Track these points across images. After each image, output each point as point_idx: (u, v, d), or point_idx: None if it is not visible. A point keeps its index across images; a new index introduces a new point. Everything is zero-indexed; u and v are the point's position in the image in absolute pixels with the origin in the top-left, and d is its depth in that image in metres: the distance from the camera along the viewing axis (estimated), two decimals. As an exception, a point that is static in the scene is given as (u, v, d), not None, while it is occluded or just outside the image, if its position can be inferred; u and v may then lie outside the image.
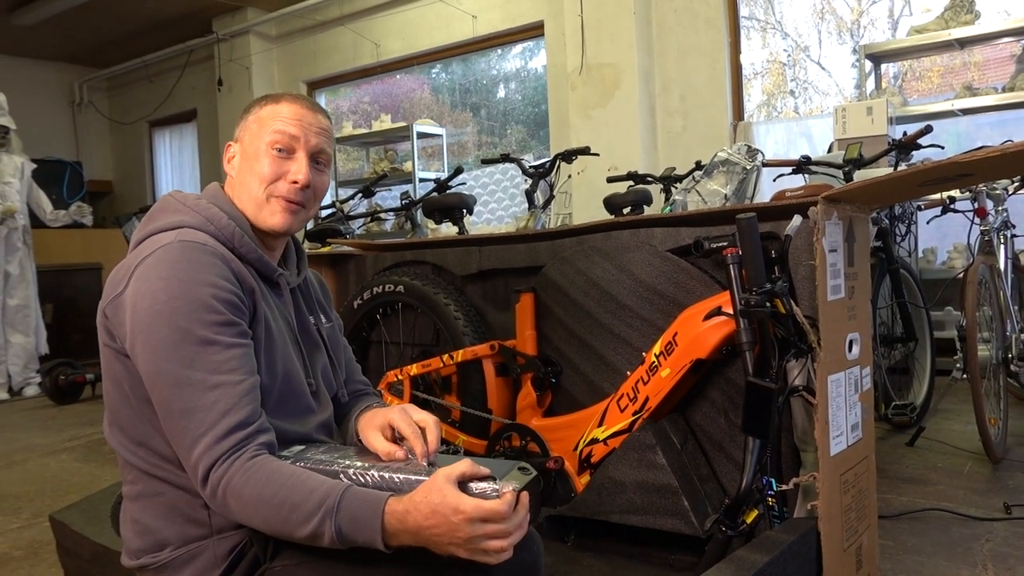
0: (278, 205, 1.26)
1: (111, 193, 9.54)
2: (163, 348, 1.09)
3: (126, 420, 1.21)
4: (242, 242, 1.23)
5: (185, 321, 1.09)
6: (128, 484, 1.25)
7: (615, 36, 5.24)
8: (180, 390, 1.08)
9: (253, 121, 1.29)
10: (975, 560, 1.95)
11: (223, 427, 1.08)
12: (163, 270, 1.12)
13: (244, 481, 1.06)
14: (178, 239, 1.16)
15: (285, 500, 1.05)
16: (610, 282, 2.05)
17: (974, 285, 2.73)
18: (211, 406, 1.08)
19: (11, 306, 5.42)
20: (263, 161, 1.25)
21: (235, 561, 1.16)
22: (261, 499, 1.06)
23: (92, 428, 4.25)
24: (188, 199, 1.26)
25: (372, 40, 6.97)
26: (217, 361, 1.10)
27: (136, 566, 1.23)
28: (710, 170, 3.45)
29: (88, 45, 8.40)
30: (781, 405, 1.62)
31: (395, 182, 6.47)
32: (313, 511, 1.04)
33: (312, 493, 1.05)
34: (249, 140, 1.28)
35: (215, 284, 1.13)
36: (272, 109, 1.28)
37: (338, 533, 1.03)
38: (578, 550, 2.01)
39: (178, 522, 1.18)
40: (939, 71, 5.43)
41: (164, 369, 1.09)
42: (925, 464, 2.72)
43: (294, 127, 1.26)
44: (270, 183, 1.25)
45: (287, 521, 1.05)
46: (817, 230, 1.55)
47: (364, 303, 2.66)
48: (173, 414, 1.09)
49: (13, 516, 2.76)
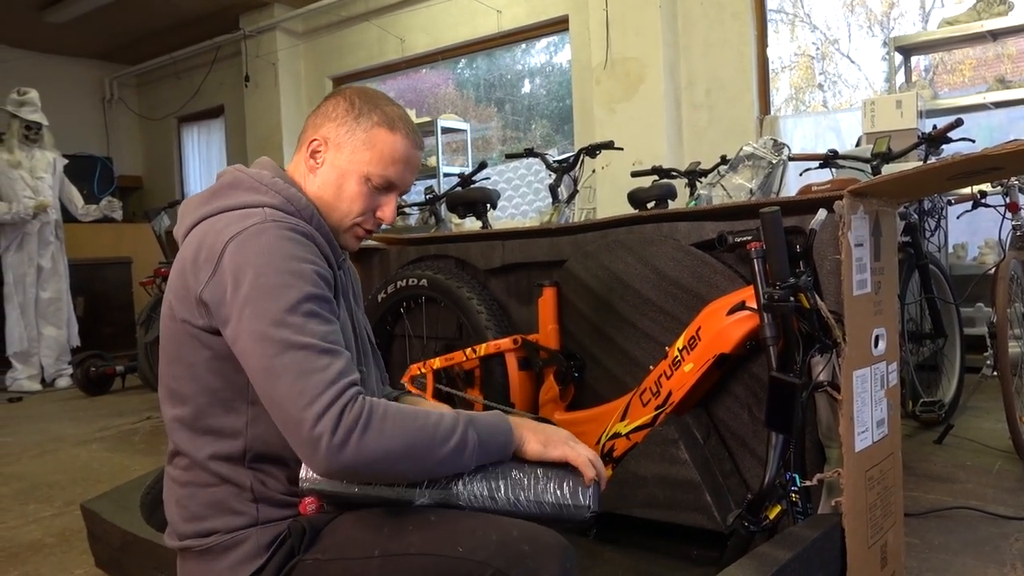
0: (357, 232, 1.30)
1: (141, 188, 9.67)
2: (273, 317, 1.08)
3: (196, 408, 1.20)
4: (319, 225, 1.24)
5: (293, 293, 1.10)
6: (178, 469, 1.25)
7: (640, 30, 5.21)
8: (295, 353, 1.06)
9: (362, 139, 1.25)
10: (1003, 559, 1.92)
11: (345, 382, 1.07)
12: (264, 245, 1.12)
13: (383, 412, 1.07)
14: (270, 218, 1.16)
15: (427, 422, 1.10)
16: (633, 276, 2.04)
17: (1005, 281, 2.69)
18: (328, 366, 1.07)
19: (44, 299, 5.53)
20: (357, 191, 1.26)
21: (276, 551, 1.18)
22: (404, 424, 1.08)
23: (122, 419, 4.32)
24: (263, 177, 1.24)
25: (397, 35, 6.99)
26: (325, 331, 1.11)
27: (181, 547, 1.24)
28: (735, 164, 3.42)
29: (118, 42, 8.51)
30: (805, 400, 1.61)
31: (419, 177, 6.49)
32: (454, 425, 1.11)
33: (445, 415, 1.13)
34: (350, 156, 1.26)
35: (315, 262, 1.15)
36: (387, 139, 1.25)
37: (479, 441, 1.13)
38: (600, 544, 2.02)
39: (225, 513, 1.20)
40: (971, 64, 5.33)
41: (275, 336, 1.07)
42: (954, 462, 2.68)
43: (400, 172, 1.27)
44: (358, 213, 1.27)
45: (433, 438, 1.09)
46: (843, 224, 1.53)
47: (388, 297, 2.68)
48: (287, 376, 1.06)
49: (46, 504, 2.82)
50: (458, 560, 1.07)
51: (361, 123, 1.26)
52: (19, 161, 5.38)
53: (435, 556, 1.09)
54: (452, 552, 1.07)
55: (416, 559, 1.10)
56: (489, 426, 1.15)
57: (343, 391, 1.06)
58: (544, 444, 1.17)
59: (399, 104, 1.31)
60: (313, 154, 1.28)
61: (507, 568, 1.04)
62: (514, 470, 1.16)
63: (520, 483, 1.15)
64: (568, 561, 1.09)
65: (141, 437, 3.83)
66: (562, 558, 1.08)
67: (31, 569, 2.21)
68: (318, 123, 1.29)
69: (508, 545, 1.06)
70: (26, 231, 5.40)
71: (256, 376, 1.10)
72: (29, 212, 5.32)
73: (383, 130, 1.25)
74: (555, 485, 1.15)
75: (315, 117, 1.30)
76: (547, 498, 1.14)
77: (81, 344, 5.74)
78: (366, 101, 1.27)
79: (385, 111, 1.27)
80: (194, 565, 1.23)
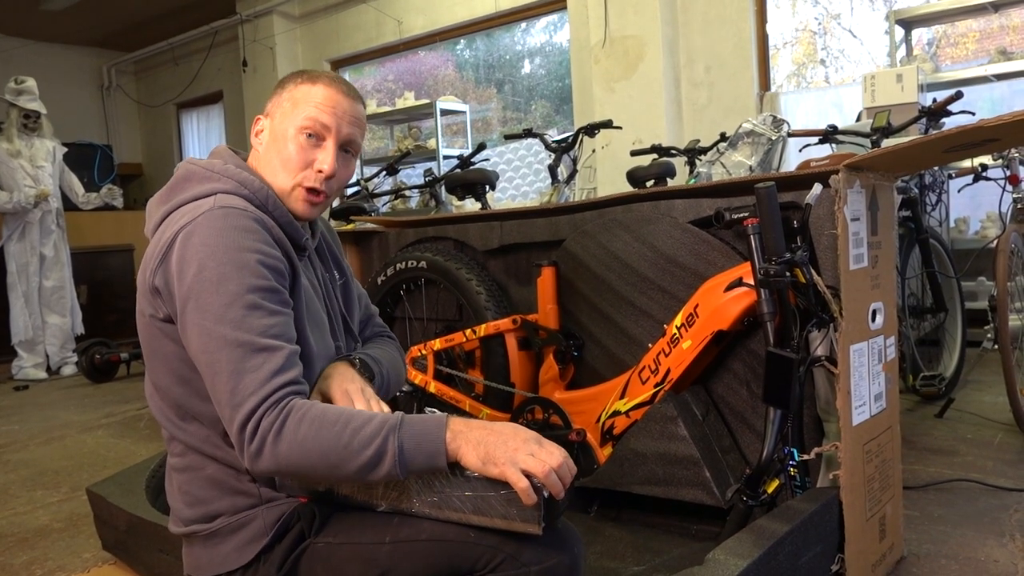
0: (301, 194, 1.27)
1: (141, 175, 9.67)
2: (213, 312, 1.09)
3: (174, 396, 1.21)
4: (275, 205, 1.23)
5: (234, 286, 1.10)
6: (175, 456, 1.26)
7: (638, 7, 5.16)
8: (231, 351, 1.08)
9: (287, 99, 1.26)
10: (1003, 530, 1.93)
11: (274, 384, 1.07)
12: (209, 236, 1.12)
13: (300, 417, 1.05)
14: (218, 205, 1.16)
15: (346, 425, 1.05)
16: (631, 255, 2.04)
17: (1005, 254, 2.68)
18: (260, 366, 1.08)
19: (47, 288, 5.54)
20: (291, 146, 1.24)
21: (281, 531, 1.18)
22: (320, 431, 1.05)
23: (127, 405, 4.35)
24: (214, 165, 1.24)
25: (394, 17, 6.95)
26: (265, 325, 1.10)
27: (185, 532, 1.25)
28: (735, 141, 3.41)
29: (115, 29, 8.48)
30: (802, 375, 1.61)
31: (419, 159, 6.48)
32: (376, 431, 1.04)
33: (372, 418, 1.06)
34: (280, 119, 1.26)
35: (260, 251, 1.14)
36: (307, 91, 1.25)
37: (400, 450, 1.03)
38: (601, 521, 2.03)
39: (228, 493, 1.20)
40: (974, 36, 5.28)
41: (214, 332, 1.09)
42: (954, 435, 2.69)
43: (327, 114, 1.24)
44: (296, 171, 1.25)
45: (347, 447, 1.04)
46: (839, 199, 1.53)
47: (388, 279, 2.69)
48: (222, 375, 1.08)
49: (53, 490, 2.84)
50: (469, 545, 1.07)
51: (286, 87, 1.28)
52: (19, 150, 5.38)
53: (445, 542, 1.09)
54: (463, 537, 1.08)
55: (426, 545, 1.10)
56: (417, 435, 1.05)
57: (268, 395, 1.06)
58: (483, 460, 1.03)
59: (334, 73, 1.32)
60: (257, 133, 1.30)
61: (518, 553, 1.05)
62: (466, 490, 1.08)
63: (470, 502, 1.07)
64: (577, 547, 1.10)
65: (146, 423, 3.85)
66: (572, 544, 1.09)
67: (40, 554, 2.23)
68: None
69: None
70: (28, 220, 5.41)
71: (201, 372, 1.12)
72: (30, 201, 5.32)
73: (305, 84, 1.26)
74: (501, 504, 1.05)
75: None
76: (496, 518, 1.06)
77: (85, 332, 5.76)
78: (296, 74, 1.30)
79: (309, 73, 1.29)
80: (200, 551, 1.23)
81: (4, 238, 5.43)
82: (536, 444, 1.04)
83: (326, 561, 1.15)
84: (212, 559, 1.21)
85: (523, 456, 1.02)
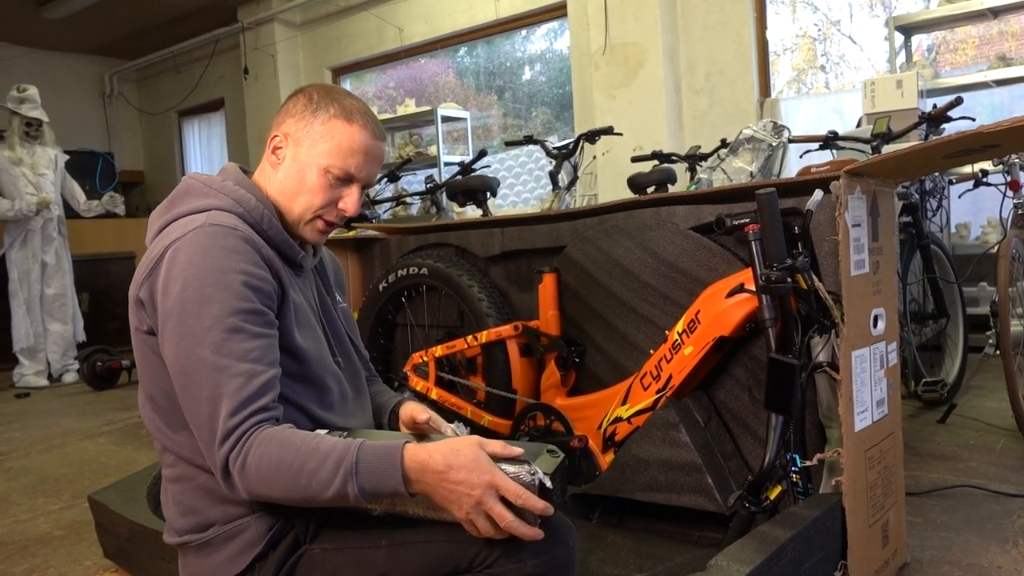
0: (319, 225, 1.28)
1: (143, 183, 9.69)
2: (193, 334, 1.09)
3: (164, 407, 1.22)
4: (271, 224, 1.23)
5: (216, 308, 1.09)
6: (167, 467, 1.27)
7: (639, 14, 5.18)
8: (208, 374, 1.08)
9: (319, 132, 1.24)
10: (1006, 536, 1.93)
11: (246, 411, 1.08)
12: (195, 255, 1.12)
13: (259, 455, 1.06)
14: (209, 222, 1.16)
15: (301, 468, 1.04)
16: (632, 261, 2.04)
17: (1006, 260, 2.68)
18: (236, 392, 1.08)
19: (49, 295, 5.55)
20: (317, 181, 1.24)
21: (275, 539, 1.18)
22: (278, 470, 1.05)
23: (128, 413, 4.35)
24: (213, 181, 1.25)
25: (395, 24, 6.97)
26: (245, 349, 1.10)
27: (179, 543, 1.25)
28: (735, 147, 3.41)
29: (116, 37, 8.51)
30: (804, 381, 1.61)
31: (420, 166, 6.49)
32: (331, 475, 1.03)
33: (327, 458, 1.04)
34: (308, 149, 1.25)
35: (246, 271, 1.13)
36: (343, 131, 1.24)
37: (362, 492, 1.03)
38: (602, 527, 2.03)
39: (219, 502, 1.20)
40: (974, 42, 5.29)
41: (192, 353, 1.09)
42: (956, 441, 2.69)
43: (360, 163, 1.25)
44: (318, 206, 1.26)
45: (308, 489, 1.04)
46: (839, 204, 1.53)
47: (389, 286, 2.69)
48: (199, 399, 1.09)
49: (54, 498, 2.84)
50: (464, 543, 1.08)
51: (319, 116, 1.25)
52: (20, 158, 5.39)
53: (441, 542, 1.10)
54: (458, 537, 1.08)
55: (423, 546, 1.11)
56: (373, 476, 1.03)
57: (238, 426, 1.07)
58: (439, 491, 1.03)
59: (360, 99, 1.31)
60: (275, 150, 1.28)
61: (513, 548, 1.06)
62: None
63: None
64: (572, 540, 1.11)
65: (147, 430, 3.85)
66: (567, 538, 1.10)
67: (41, 562, 2.23)
68: (279, 120, 1.29)
69: None
70: (29, 228, 5.42)
71: (176, 388, 1.13)
72: (32, 209, 5.33)
73: (340, 121, 1.24)
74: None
75: (278, 115, 1.30)
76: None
77: (87, 339, 5.77)
78: (324, 95, 1.27)
79: (343, 104, 1.26)
80: (194, 561, 1.23)
81: (6, 246, 5.44)
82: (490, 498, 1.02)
83: (322, 567, 1.16)
84: (206, 569, 1.21)
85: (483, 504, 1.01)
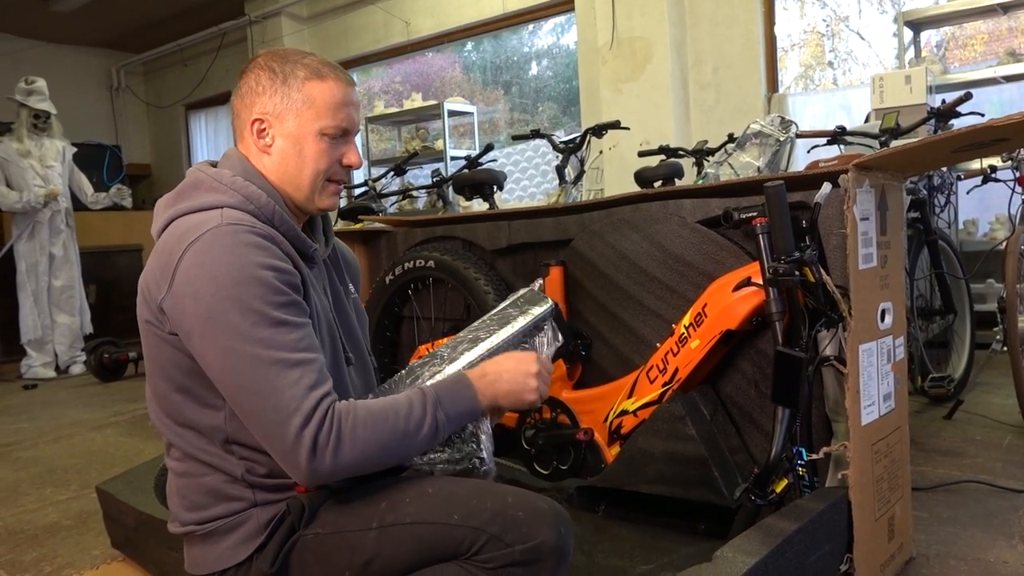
0: (331, 188, 1.28)
1: (150, 176, 9.71)
2: (239, 332, 1.08)
3: (173, 405, 1.22)
4: (282, 220, 1.22)
5: (257, 304, 1.09)
6: (174, 460, 1.27)
7: (646, 9, 5.16)
8: (265, 369, 1.08)
9: (300, 100, 1.23)
10: (1012, 531, 1.93)
11: (316, 396, 1.09)
12: (220, 255, 1.11)
13: (352, 422, 1.10)
14: (226, 221, 1.15)
15: (397, 416, 1.13)
16: (639, 254, 2.04)
17: (1014, 256, 2.67)
18: (297, 382, 1.08)
19: (56, 287, 5.57)
20: (318, 149, 1.24)
21: (275, 528, 1.20)
22: (377, 427, 1.11)
23: (135, 404, 4.37)
24: (223, 176, 1.23)
25: (402, 18, 6.96)
26: (293, 340, 1.10)
27: (183, 532, 1.27)
28: (743, 142, 3.40)
29: (124, 30, 8.52)
30: (811, 375, 1.61)
31: (426, 160, 6.49)
32: (422, 412, 1.15)
33: (411, 404, 1.16)
34: (296, 120, 1.23)
35: (274, 266, 1.13)
36: (322, 89, 1.23)
37: (447, 418, 1.17)
38: (608, 520, 2.03)
39: (223, 500, 1.22)
40: (983, 38, 5.26)
41: (243, 352, 1.08)
42: (963, 437, 2.68)
43: (348, 114, 1.25)
44: (324, 170, 1.26)
45: (406, 432, 1.13)
46: (848, 198, 1.53)
47: (396, 279, 2.69)
48: (260, 395, 1.08)
49: (62, 488, 2.86)
50: (453, 527, 1.09)
51: (291, 84, 1.24)
52: (29, 150, 5.42)
53: (431, 524, 1.11)
54: (448, 519, 1.10)
55: (412, 528, 1.12)
56: (452, 401, 1.19)
57: (314, 408, 1.08)
58: (509, 385, 1.25)
59: (314, 53, 1.30)
60: (260, 134, 1.26)
61: (501, 534, 1.07)
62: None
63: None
64: (563, 526, 1.10)
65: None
66: (556, 524, 1.10)
67: (49, 551, 2.24)
68: (248, 103, 1.26)
69: (503, 512, 1.09)
70: (37, 220, 5.44)
71: (228, 392, 1.11)
72: (40, 200, 5.35)
73: (314, 82, 1.24)
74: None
75: (240, 99, 1.27)
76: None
77: (94, 331, 5.79)
78: (282, 62, 1.25)
79: (306, 64, 1.25)
80: (199, 548, 1.25)
81: (14, 237, 5.47)
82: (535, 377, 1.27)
83: (316, 552, 1.17)
84: (209, 556, 1.23)
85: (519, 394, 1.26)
